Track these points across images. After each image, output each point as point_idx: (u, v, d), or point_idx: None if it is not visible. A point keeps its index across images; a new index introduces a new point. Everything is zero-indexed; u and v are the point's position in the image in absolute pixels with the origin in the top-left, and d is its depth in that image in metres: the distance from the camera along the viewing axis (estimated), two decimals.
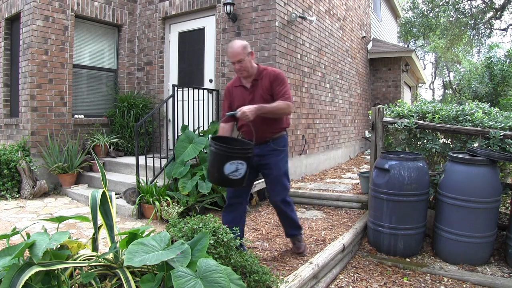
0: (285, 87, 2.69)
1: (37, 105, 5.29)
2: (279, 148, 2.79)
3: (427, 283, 2.74)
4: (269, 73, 2.72)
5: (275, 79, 2.69)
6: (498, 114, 3.56)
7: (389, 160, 3.20)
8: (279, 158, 2.79)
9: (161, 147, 6.08)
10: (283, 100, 2.64)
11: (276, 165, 2.77)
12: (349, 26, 8.19)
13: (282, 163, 2.81)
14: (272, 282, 2.02)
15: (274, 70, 2.76)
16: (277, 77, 2.70)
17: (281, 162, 2.80)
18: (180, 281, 1.44)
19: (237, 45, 2.65)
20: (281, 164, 2.80)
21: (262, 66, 2.80)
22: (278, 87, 2.68)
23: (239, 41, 2.71)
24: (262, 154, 2.76)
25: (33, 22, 5.21)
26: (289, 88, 2.73)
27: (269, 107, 2.59)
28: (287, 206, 2.88)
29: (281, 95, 2.66)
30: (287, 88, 2.71)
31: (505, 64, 13.57)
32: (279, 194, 2.81)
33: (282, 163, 2.81)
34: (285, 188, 2.84)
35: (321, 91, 6.58)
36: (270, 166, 2.78)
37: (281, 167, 2.80)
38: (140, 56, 6.63)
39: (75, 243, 1.86)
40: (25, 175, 4.96)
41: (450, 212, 3.03)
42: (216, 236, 1.93)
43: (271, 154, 2.76)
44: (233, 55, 2.64)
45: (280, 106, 2.62)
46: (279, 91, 2.67)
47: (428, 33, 17.91)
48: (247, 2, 5.26)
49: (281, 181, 2.80)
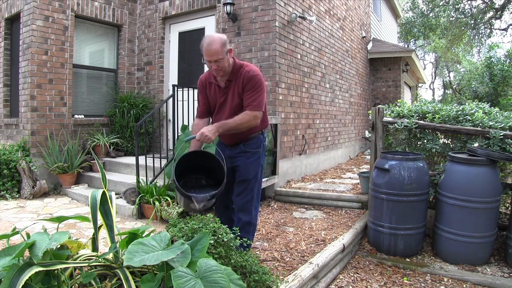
0: (256, 93, 2.37)
1: (37, 105, 5.29)
2: (250, 150, 2.53)
3: (427, 283, 2.74)
4: (244, 75, 2.39)
5: (248, 82, 2.37)
6: (498, 114, 3.57)
7: (389, 160, 3.20)
8: (250, 160, 2.52)
9: (161, 147, 6.08)
10: (250, 109, 2.35)
11: (245, 168, 2.51)
12: (349, 26, 8.19)
13: (252, 167, 2.53)
14: (272, 282, 2.02)
15: (249, 71, 2.40)
16: (251, 80, 2.37)
17: (251, 165, 2.53)
18: (180, 281, 1.44)
19: (216, 42, 2.28)
20: (250, 168, 2.52)
21: (239, 63, 2.46)
22: (249, 93, 2.37)
23: (218, 36, 2.33)
24: (232, 156, 2.56)
25: (33, 22, 5.21)
26: (262, 93, 2.39)
27: (231, 124, 2.32)
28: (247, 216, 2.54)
29: (249, 104, 2.36)
30: (259, 93, 2.38)
31: (505, 64, 13.58)
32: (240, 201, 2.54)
33: (253, 167, 2.53)
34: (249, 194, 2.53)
35: (321, 91, 6.58)
36: (238, 169, 2.54)
37: (249, 170, 2.52)
38: (140, 56, 6.63)
39: (75, 243, 1.86)
40: (25, 175, 4.96)
41: (450, 212, 3.03)
42: (216, 236, 1.93)
43: (241, 156, 2.53)
44: (210, 54, 2.28)
45: (244, 120, 2.34)
46: (248, 97, 2.37)
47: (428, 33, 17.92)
48: (247, 2, 5.26)
49: (247, 187, 2.52)
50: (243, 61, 2.49)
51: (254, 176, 2.54)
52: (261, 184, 2.66)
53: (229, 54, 2.35)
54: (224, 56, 2.30)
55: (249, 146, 2.54)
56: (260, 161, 2.59)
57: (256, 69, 2.44)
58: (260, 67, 5.14)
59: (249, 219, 2.56)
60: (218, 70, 2.35)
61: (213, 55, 2.27)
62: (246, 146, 2.53)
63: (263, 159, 2.64)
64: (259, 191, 2.64)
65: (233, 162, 2.55)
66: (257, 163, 2.56)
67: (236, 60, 2.45)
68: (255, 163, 2.55)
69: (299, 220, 3.96)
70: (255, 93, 2.37)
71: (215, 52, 2.26)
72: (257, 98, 2.36)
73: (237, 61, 2.46)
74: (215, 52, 2.27)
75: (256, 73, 2.40)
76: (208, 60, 2.31)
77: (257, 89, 2.37)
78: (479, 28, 15.54)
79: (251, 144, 2.55)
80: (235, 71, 2.42)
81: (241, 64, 2.45)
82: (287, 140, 5.39)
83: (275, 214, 4.20)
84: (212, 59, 2.29)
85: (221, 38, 2.32)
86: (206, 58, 2.31)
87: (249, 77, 2.37)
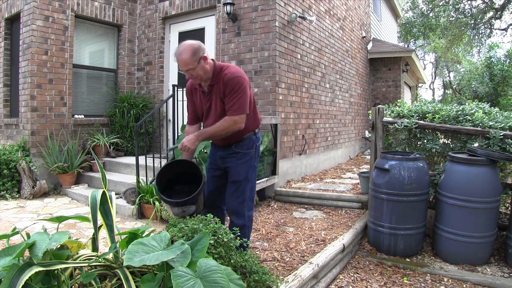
0: (236, 96, 2.28)
1: (37, 105, 5.29)
2: (241, 151, 2.47)
3: (427, 283, 2.74)
4: (223, 77, 2.30)
5: (226, 85, 2.29)
6: (498, 114, 3.57)
7: (389, 160, 3.20)
8: (240, 161, 2.46)
9: (161, 147, 6.08)
10: (230, 114, 2.28)
11: (235, 169, 2.46)
12: (349, 26, 8.19)
13: (243, 168, 2.47)
14: (272, 282, 2.02)
15: (228, 73, 2.30)
16: (229, 83, 2.28)
17: (242, 166, 2.47)
18: (180, 280, 1.44)
19: (185, 51, 2.21)
20: (240, 169, 2.46)
21: (220, 65, 2.36)
22: (229, 97, 2.29)
23: (188, 45, 2.24)
24: (223, 157, 2.52)
25: (33, 22, 5.21)
26: (242, 95, 2.29)
27: (210, 132, 2.31)
28: (239, 218, 2.48)
29: (229, 108, 2.29)
30: (239, 96, 2.28)
31: (505, 64, 13.57)
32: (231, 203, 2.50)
33: (243, 168, 2.47)
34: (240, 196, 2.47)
35: (321, 91, 6.58)
36: (229, 170, 2.50)
37: (240, 171, 2.46)
38: (140, 56, 6.63)
39: (75, 243, 1.86)
40: (25, 175, 4.96)
41: (450, 212, 3.03)
42: (216, 236, 1.93)
43: (232, 157, 2.48)
44: (180, 64, 2.23)
45: (222, 126, 2.28)
46: (228, 102, 2.30)
47: (428, 33, 17.91)
48: (247, 2, 5.26)
49: (238, 188, 2.47)
50: (224, 63, 2.41)
51: (245, 178, 2.48)
52: (254, 185, 2.60)
53: (203, 61, 2.25)
54: (196, 65, 2.22)
55: (240, 147, 2.49)
56: (251, 162, 2.52)
57: (236, 70, 2.35)
58: (260, 67, 5.14)
59: (242, 223, 2.49)
60: (193, 78, 2.31)
61: (183, 66, 2.23)
62: (237, 147, 2.48)
63: (256, 160, 2.58)
64: (252, 192, 2.58)
65: (225, 163, 2.53)
66: (248, 164, 2.50)
67: (216, 63, 2.37)
68: (246, 164, 2.49)
69: (299, 220, 3.96)
70: (234, 96, 2.28)
71: (185, 62, 2.21)
72: (237, 102, 2.28)
73: (218, 64, 2.37)
74: (184, 63, 2.21)
75: (234, 75, 2.30)
76: (180, 69, 2.26)
77: (236, 91, 2.28)
78: (479, 28, 15.54)
79: (243, 145, 2.49)
80: (216, 75, 2.34)
81: (221, 66, 2.36)
82: (287, 140, 5.39)
83: (275, 214, 4.20)
84: (183, 69, 2.25)
85: (191, 46, 2.23)
86: (179, 68, 2.27)
87: (227, 80, 2.28)
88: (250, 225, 2.60)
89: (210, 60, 2.31)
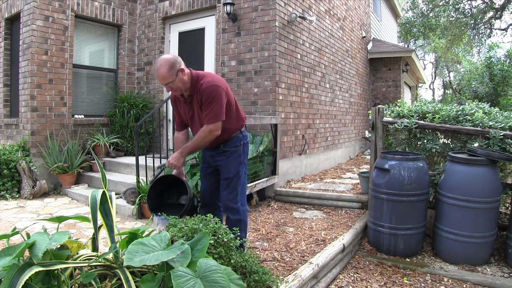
0: (210, 105, 2.36)
1: (37, 105, 5.29)
2: (230, 149, 2.58)
3: (427, 283, 2.74)
4: (200, 87, 2.39)
5: (203, 95, 2.38)
6: (498, 114, 3.57)
7: (389, 160, 3.20)
8: (230, 159, 2.58)
9: (161, 147, 6.08)
10: (206, 122, 2.38)
11: (225, 166, 2.58)
12: (349, 26, 8.19)
13: (232, 165, 2.58)
14: (272, 282, 2.02)
15: (204, 83, 2.38)
16: (204, 93, 2.36)
17: (232, 164, 2.58)
18: (180, 280, 1.44)
19: (162, 66, 2.28)
20: (231, 165, 2.57)
21: (197, 75, 2.43)
22: (204, 106, 2.39)
23: (165, 60, 2.30)
24: (213, 156, 2.64)
25: (33, 22, 5.21)
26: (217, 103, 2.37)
27: (192, 146, 2.43)
28: (234, 214, 2.60)
29: (205, 116, 2.39)
30: (214, 104, 2.36)
31: (505, 64, 13.58)
32: (224, 199, 2.60)
33: (233, 165, 2.58)
34: (232, 192, 2.58)
35: (321, 91, 6.58)
36: (220, 168, 2.61)
37: (230, 168, 2.57)
38: (140, 56, 6.63)
39: (75, 243, 1.86)
40: (25, 175, 4.96)
41: (450, 212, 3.03)
42: (216, 236, 1.93)
43: (222, 155, 2.59)
44: (160, 79, 2.33)
45: (200, 137, 2.39)
46: (204, 111, 2.39)
47: (428, 33, 17.90)
48: (247, 2, 5.26)
49: (229, 184, 2.57)
50: (200, 72, 2.48)
51: (235, 174, 2.58)
52: (245, 180, 2.72)
53: (181, 73, 2.33)
54: (174, 78, 2.31)
55: (228, 145, 2.60)
56: (241, 159, 2.62)
57: (211, 79, 2.42)
58: (260, 67, 5.14)
59: (238, 217, 2.62)
60: (174, 90, 2.41)
61: (162, 80, 2.32)
62: (225, 146, 2.60)
63: (245, 156, 2.69)
64: (243, 187, 2.68)
65: (215, 161, 2.64)
66: (237, 161, 2.60)
67: (193, 72, 2.44)
68: (235, 161, 2.59)
69: (299, 220, 3.96)
70: (209, 105, 2.38)
71: (163, 77, 2.30)
72: (212, 111, 2.37)
73: (195, 73, 2.44)
74: (163, 77, 2.30)
75: (209, 84, 2.37)
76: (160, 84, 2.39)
77: (211, 101, 2.37)
78: (479, 28, 15.54)
79: (230, 143, 2.60)
80: (194, 84, 2.42)
81: (198, 76, 2.43)
82: (287, 140, 5.39)
83: (275, 214, 4.20)
84: (163, 83, 2.35)
85: (168, 61, 2.30)
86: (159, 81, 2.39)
87: (203, 90, 2.37)
88: (246, 219, 2.71)
89: (187, 71, 2.40)
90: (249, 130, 5.02)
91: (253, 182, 4.38)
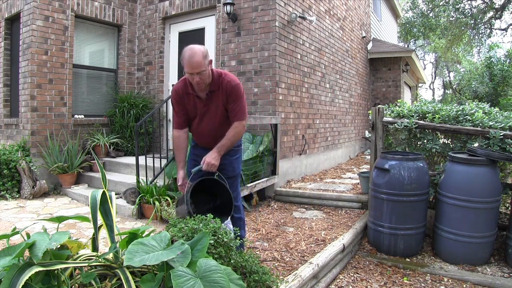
0: (240, 103, 2.45)
1: (37, 105, 5.29)
2: (234, 148, 2.59)
3: (427, 283, 2.74)
4: (226, 85, 2.41)
5: (231, 93, 2.41)
6: (498, 114, 3.57)
7: (389, 160, 3.20)
8: (233, 158, 2.60)
9: (161, 147, 6.08)
10: (237, 119, 2.44)
11: (230, 165, 2.59)
12: (349, 26, 8.19)
13: (236, 163, 2.64)
14: (272, 282, 2.02)
15: (231, 81, 2.42)
16: (233, 91, 2.41)
17: (236, 162, 2.63)
18: (180, 280, 1.44)
19: (197, 54, 2.25)
20: (235, 164, 2.63)
21: (217, 72, 2.46)
22: (233, 104, 2.43)
23: (199, 48, 2.29)
24: None
25: (33, 22, 5.20)
26: (243, 100, 2.48)
27: (229, 144, 2.43)
28: (237, 212, 2.68)
29: (235, 114, 2.44)
30: (242, 102, 2.46)
31: (505, 64, 13.57)
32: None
33: (237, 163, 2.65)
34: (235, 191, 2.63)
35: (321, 91, 6.58)
36: (224, 167, 2.57)
37: (235, 167, 2.62)
38: (140, 56, 6.63)
39: (75, 243, 1.86)
40: (25, 175, 4.96)
41: (450, 212, 3.03)
42: (216, 236, 1.93)
43: (226, 154, 2.54)
44: (193, 66, 2.25)
45: (237, 133, 2.44)
46: (233, 108, 2.43)
47: (428, 33, 17.91)
48: (247, 2, 5.26)
49: (233, 183, 2.61)
50: (219, 70, 2.50)
51: (238, 173, 2.66)
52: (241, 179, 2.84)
53: (209, 64, 2.35)
54: (206, 68, 2.30)
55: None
56: (240, 158, 2.72)
57: (234, 78, 2.49)
58: (260, 67, 5.14)
59: (240, 215, 2.70)
60: (200, 82, 2.33)
61: (195, 68, 2.25)
62: None
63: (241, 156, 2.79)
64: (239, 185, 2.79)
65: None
66: (239, 159, 2.68)
67: (213, 70, 2.44)
68: (238, 160, 2.66)
69: (299, 220, 3.96)
70: (238, 103, 2.43)
71: (198, 64, 2.24)
72: (241, 108, 2.45)
73: (215, 70, 2.45)
74: (197, 65, 2.24)
75: (236, 82, 2.45)
76: (189, 72, 2.29)
77: (239, 98, 2.44)
78: (479, 28, 15.54)
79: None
80: (215, 81, 2.42)
81: (219, 73, 2.45)
82: (287, 140, 5.39)
83: (275, 214, 4.20)
84: (194, 72, 2.27)
85: (202, 50, 2.29)
86: (188, 70, 2.28)
87: (232, 87, 2.40)
88: (244, 216, 2.82)
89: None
90: (249, 130, 5.02)
91: (253, 182, 4.38)
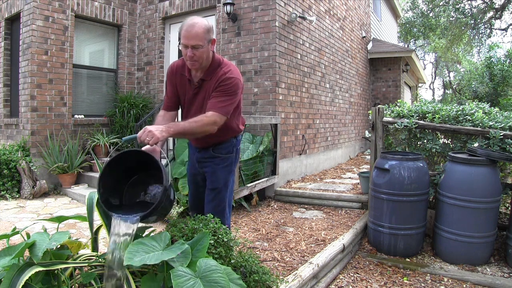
0: (225, 96, 2.03)
1: (37, 105, 5.29)
2: (220, 155, 2.24)
3: (427, 283, 2.74)
4: (220, 76, 2.06)
5: (221, 83, 2.04)
6: (498, 114, 3.57)
7: (389, 160, 3.20)
8: (219, 167, 2.23)
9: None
10: (214, 110, 1.98)
11: (214, 175, 2.23)
12: (349, 26, 8.19)
13: (222, 173, 2.24)
14: (272, 282, 2.02)
15: (227, 72, 2.06)
16: (225, 82, 2.04)
17: (221, 172, 2.23)
18: (180, 280, 1.44)
19: (198, 24, 1.94)
20: (219, 174, 2.23)
21: (218, 59, 2.11)
22: (218, 93, 2.03)
23: (202, 20, 1.97)
24: (201, 161, 2.30)
25: (33, 22, 5.21)
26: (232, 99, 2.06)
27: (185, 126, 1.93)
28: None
29: (213, 105, 2.00)
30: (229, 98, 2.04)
31: (505, 64, 13.58)
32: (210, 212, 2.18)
33: (222, 174, 2.24)
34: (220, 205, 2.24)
35: (321, 91, 6.58)
36: (207, 175, 2.26)
37: (219, 177, 2.23)
38: (140, 56, 6.63)
39: (75, 243, 1.86)
40: (25, 175, 4.96)
41: (450, 212, 3.03)
42: (216, 236, 1.93)
43: (210, 161, 2.24)
44: (189, 36, 1.93)
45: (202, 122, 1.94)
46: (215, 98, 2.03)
47: (428, 33, 17.91)
48: (247, 2, 5.26)
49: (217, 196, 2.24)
50: (225, 60, 2.16)
51: (224, 184, 2.26)
52: (232, 190, 2.38)
53: (211, 44, 2.02)
54: (205, 44, 1.97)
55: (219, 151, 2.25)
56: (231, 167, 2.30)
57: (234, 70, 2.11)
58: (260, 67, 5.14)
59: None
60: (194, 60, 1.99)
61: (191, 38, 1.93)
62: (215, 151, 2.24)
63: (235, 165, 2.37)
64: (230, 199, 2.36)
65: (202, 167, 2.31)
66: (227, 170, 2.27)
67: (215, 55, 2.11)
68: (225, 170, 2.26)
69: (299, 220, 3.96)
70: (224, 96, 2.03)
71: (195, 35, 1.92)
72: (225, 102, 2.02)
73: (217, 57, 2.12)
74: (195, 35, 1.92)
75: (232, 75, 2.06)
76: (184, 44, 1.95)
77: (228, 92, 2.04)
78: (479, 28, 15.54)
79: (222, 148, 2.25)
80: (211, 70, 2.09)
81: (220, 62, 2.11)
82: (287, 140, 5.39)
83: (275, 214, 4.20)
84: (189, 43, 1.94)
85: (206, 23, 1.98)
86: (183, 41, 1.95)
87: (225, 78, 2.04)
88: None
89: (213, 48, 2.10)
90: (249, 130, 5.02)
91: (253, 182, 4.38)
